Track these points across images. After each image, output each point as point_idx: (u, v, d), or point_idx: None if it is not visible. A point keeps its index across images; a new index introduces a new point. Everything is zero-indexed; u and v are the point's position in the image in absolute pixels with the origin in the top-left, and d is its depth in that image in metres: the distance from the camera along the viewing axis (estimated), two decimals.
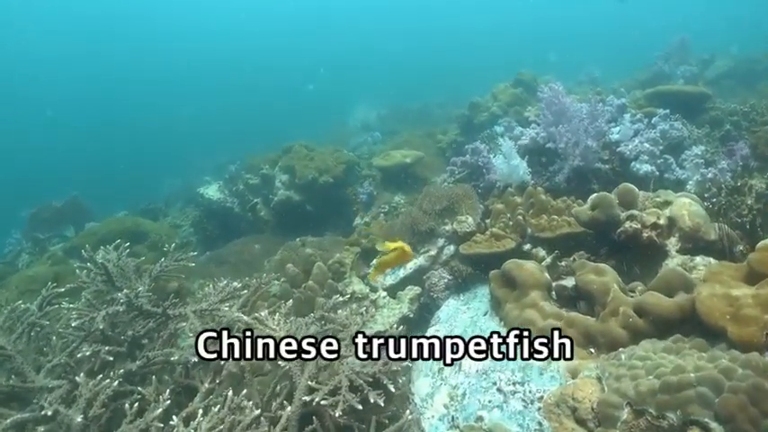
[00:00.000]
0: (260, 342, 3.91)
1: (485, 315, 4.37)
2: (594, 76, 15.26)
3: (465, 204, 6.53)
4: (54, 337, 4.15)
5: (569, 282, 4.62)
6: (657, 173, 6.47)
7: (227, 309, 3.99)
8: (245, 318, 4.04)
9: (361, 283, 5.67)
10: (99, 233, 9.38)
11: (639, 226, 4.03)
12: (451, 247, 6.21)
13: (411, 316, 5.21)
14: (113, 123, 39.84)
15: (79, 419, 3.01)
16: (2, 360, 4.05)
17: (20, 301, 4.46)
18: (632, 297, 3.55)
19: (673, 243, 4.12)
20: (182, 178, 17.43)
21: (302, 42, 52.40)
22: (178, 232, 10.43)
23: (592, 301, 3.64)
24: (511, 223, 5.61)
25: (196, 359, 3.61)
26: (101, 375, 3.43)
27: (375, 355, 3.64)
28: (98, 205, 13.02)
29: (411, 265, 6.06)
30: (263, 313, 4.05)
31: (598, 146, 6.46)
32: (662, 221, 4.10)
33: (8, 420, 3.40)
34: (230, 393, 3.21)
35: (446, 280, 5.88)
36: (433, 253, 6.13)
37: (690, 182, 6.45)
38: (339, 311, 4.18)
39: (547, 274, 4.21)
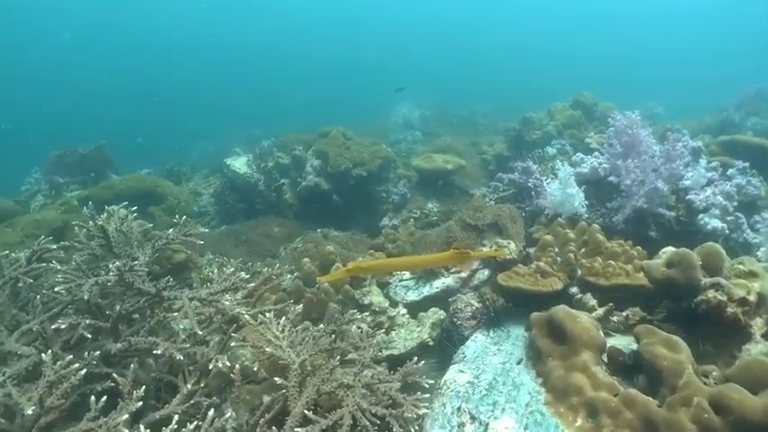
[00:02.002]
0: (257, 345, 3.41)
1: (519, 364, 3.78)
2: (656, 111, 14.46)
3: (509, 227, 5.94)
4: (38, 297, 3.69)
5: (619, 341, 4.02)
6: (727, 231, 5.79)
7: (227, 301, 3.46)
8: (246, 316, 3.52)
9: (380, 295, 5.12)
10: (116, 188, 8.99)
11: (725, 298, 3.40)
12: (486, 272, 5.63)
13: (431, 343, 4.63)
14: (158, 85, 39.92)
15: (29, 412, 2.51)
16: None
17: (6, 251, 4.02)
18: (708, 385, 2.94)
19: (759, 325, 3.49)
20: (214, 145, 17.09)
21: (360, 33, 51.94)
22: (197, 200, 9.99)
23: (657, 379, 3.03)
24: (559, 260, 5.00)
25: (181, 357, 3.09)
26: (70, 356, 2.93)
27: (386, 390, 3.10)
28: (124, 159, 12.68)
29: (437, 284, 5.50)
30: (268, 315, 3.52)
31: (668, 190, 5.80)
32: (752, 297, 3.47)
33: None
34: (211, 414, 2.68)
35: (474, 308, 5.29)
36: (464, 275, 5.54)
37: (761, 249, 5.76)
38: (353, 327, 3.64)
39: (601, 333, 3.60)
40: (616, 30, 48.39)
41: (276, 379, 3.06)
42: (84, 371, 2.86)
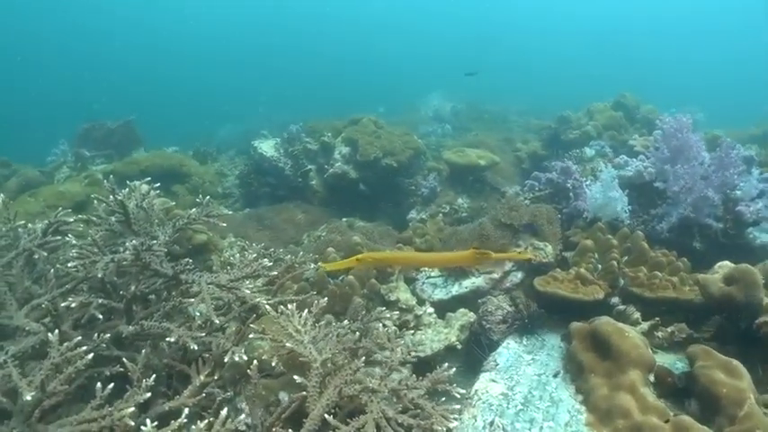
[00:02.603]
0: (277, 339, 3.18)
1: (556, 377, 3.50)
2: (696, 117, 13.86)
3: (545, 229, 5.63)
4: (51, 271, 3.50)
5: (663, 358, 3.72)
6: None
7: (248, 289, 3.23)
8: (267, 306, 3.30)
9: (408, 291, 4.86)
10: (142, 164, 8.85)
11: None
12: (519, 275, 5.35)
13: (459, 347, 4.37)
14: (189, 66, 39.98)
15: (28, 398, 2.31)
16: None
17: (23, 222, 3.84)
18: None
19: None
20: (242, 128, 16.97)
21: (397, 25, 51.41)
22: (222, 181, 9.83)
23: (713, 406, 2.74)
24: (600, 266, 4.70)
25: (195, 347, 2.87)
26: (78, 338, 2.73)
27: (414, 398, 2.84)
28: (151, 135, 12.58)
29: (467, 284, 5.23)
30: (290, 307, 3.29)
31: (719, 199, 5.44)
32: None
33: None
34: (224, 413, 2.46)
35: (504, 311, 5.03)
36: (496, 276, 5.27)
37: None
38: (379, 325, 3.39)
39: (650, 351, 3.30)
40: (653, 34, 47.22)
41: (296, 377, 2.82)
42: (91, 355, 2.65)
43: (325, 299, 3.40)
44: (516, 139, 11.81)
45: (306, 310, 3.36)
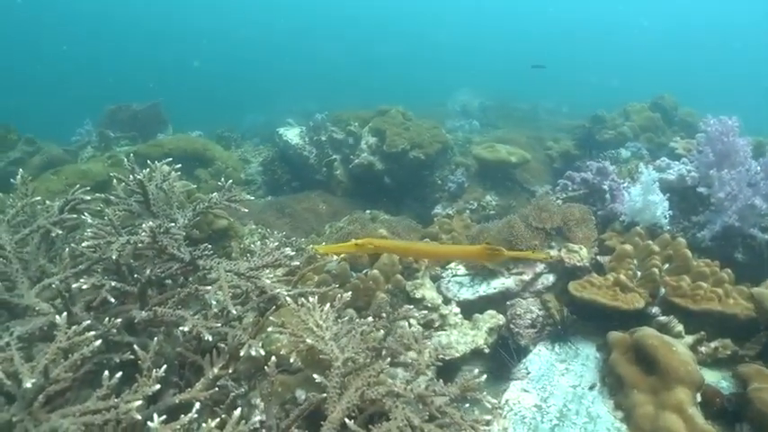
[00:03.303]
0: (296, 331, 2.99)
1: (592, 389, 3.26)
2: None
3: (578, 230, 5.37)
4: (66, 250, 3.35)
5: (710, 376, 3.45)
6: None
7: (268, 279, 3.04)
8: (287, 297, 3.11)
9: (434, 289, 4.64)
10: (166, 146, 8.73)
11: None
12: (551, 277, 5.10)
13: (486, 351, 4.14)
14: (218, 53, 39.95)
15: (29, 385, 2.14)
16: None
17: (39, 197, 3.70)
18: None
19: None
20: (267, 116, 16.85)
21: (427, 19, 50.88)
22: (245, 167, 9.68)
23: None
24: (639, 273, 4.43)
25: (210, 338, 2.69)
26: (87, 322, 2.57)
27: (442, 405, 2.63)
28: (176, 120, 12.48)
29: (496, 284, 4.99)
30: (311, 300, 3.10)
31: (767, 209, 5.12)
32: None
33: None
34: (237, 413, 2.27)
35: (534, 315, 4.80)
36: (526, 277, 5.03)
37: None
38: (405, 324, 3.19)
39: (698, 368, 3.05)
40: (686, 36, 46.09)
41: (315, 376, 2.63)
42: (99, 341, 2.49)
43: (349, 293, 3.20)
44: (546, 138, 11.50)
45: (328, 304, 3.17)
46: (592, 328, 4.34)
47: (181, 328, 2.70)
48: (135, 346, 2.77)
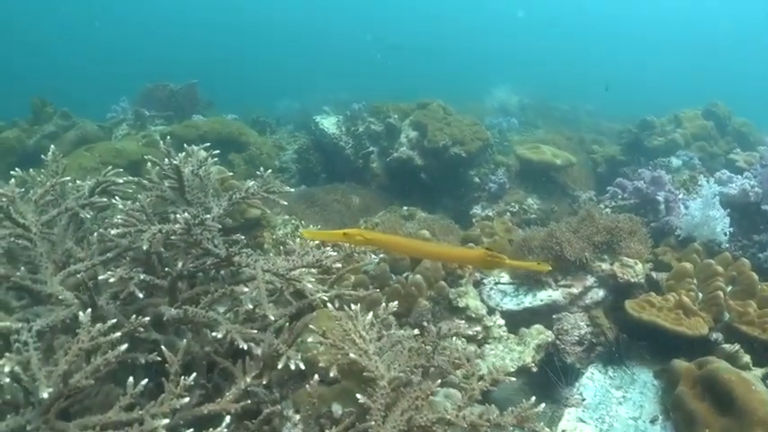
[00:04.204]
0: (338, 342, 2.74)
1: (654, 423, 2.96)
2: None
3: (632, 244, 5.01)
4: (95, 234, 3.14)
5: None
6: None
7: (310, 283, 2.79)
8: (329, 304, 2.86)
9: (477, 298, 4.35)
10: (201, 128, 8.55)
11: None
12: (600, 293, 4.77)
13: (534, 370, 3.85)
14: (251, 38, 39.86)
15: (45, 395, 1.92)
16: (23, 243, 3.12)
17: (68, 177, 3.49)
18: None
19: None
20: (299, 103, 16.64)
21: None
22: (280, 154, 9.47)
23: None
24: (701, 296, 4.08)
25: (245, 346, 2.44)
26: (113, 321, 2.34)
27: None
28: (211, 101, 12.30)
29: (542, 296, 4.68)
30: (354, 308, 2.84)
31: None
32: None
33: None
34: None
35: (582, 331, 4.48)
36: (575, 291, 4.70)
37: None
38: (457, 341, 2.91)
39: None
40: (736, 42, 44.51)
41: (359, 397, 2.37)
42: (125, 346, 2.27)
43: (395, 302, 2.94)
44: (588, 141, 11.08)
45: (370, 314, 2.91)
46: (645, 350, 4.02)
47: (213, 334, 2.45)
48: (162, 348, 2.54)
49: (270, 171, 3.94)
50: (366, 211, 7.60)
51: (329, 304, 2.86)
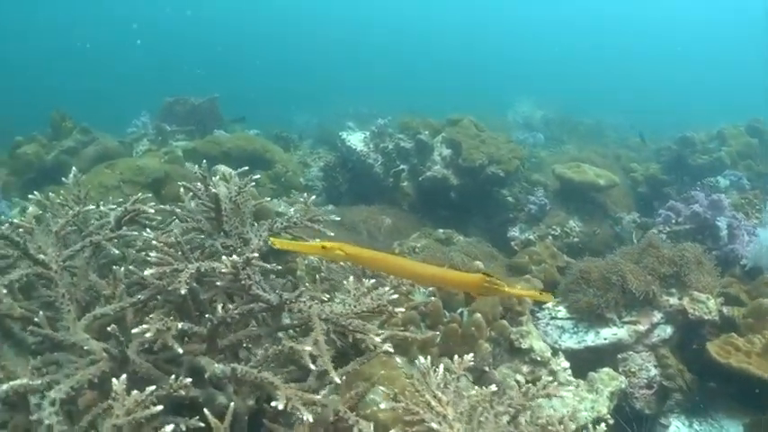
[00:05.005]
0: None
1: None
2: None
3: (700, 276, 4.58)
4: (122, 269, 2.77)
5: None
6: None
7: (378, 337, 2.39)
8: (398, 358, 2.47)
9: (541, 339, 3.93)
10: (224, 145, 8.23)
11: None
12: (668, 330, 4.35)
13: (610, 422, 3.42)
14: (264, 51, 39.66)
15: None
16: (44, 280, 2.77)
17: (93, 206, 3.14)
18: None
19: None
20: (317, 117, 16.35)
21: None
22: (305, 171, 9.12)
23: None
24: None
25: (309, 417, 2.04)
26: (152, 388, 1.96)
27: None
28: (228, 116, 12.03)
29: (606, 334, 4.26)
30: (423, 361, 2.44)
31: None
32: None
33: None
34: None
35: (650, 373, 4.06)
36: (641, 328, 4.28)
37: None
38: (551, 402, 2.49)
39: None
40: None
41: None
42: (160, 407, 1.89)
43: (470, 355, 2.54)
44: (623, 157, 10.66)
45: (441, 366, 2.51)
46: (732, 398, 3.58)
47: (273, 404, 2.06)
48: (207, 413, 2.16)
49: (313, 197, 3.61)
50: (397, 233, 7.20)
51: (397, 358, 2.47)
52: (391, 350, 2.51)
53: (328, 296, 3.01)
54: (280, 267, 3.07)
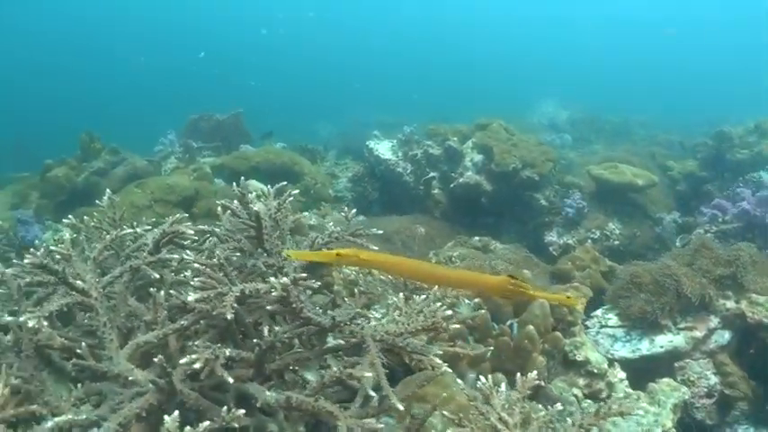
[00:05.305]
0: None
1: None
2: None
3: (757, 278, 4.35)
4: (161, 292, 2.67)
5: None
6: None
7: (437, 357, 2.26)
8: (459, 380, 2.33)
9: (595, 349, 3.74)
10: (252, 159, 8.18)
11: None
12: (726, 335, 4.13)
13: None
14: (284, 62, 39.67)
15: None
16: (83, 309, 2.71)
17: (130, 229, 3.05)
18: None
19: None
20: (337, 127, 16.32)
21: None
22: (334, 183, 9.04)
23: None
24: None
25: None
26: (206, 424, 1.85)
27: None
28: (252, 131, 12.03)
29: (662, 341, 4.06)
30: (484, 381, 2.30)
31: None
32: None
33: None
34: None
35: (710, 382, 3.85)
36: (698, 334, 4.07)
37: None
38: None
39: None
40: None
41: None
42: None
43: (533, 373, 2.39)
44: (658, 155, 10.37)
45: (503, 385, 2.37)
46: None
47: None
48: None
49: (354, 211, 3.49)
50: (431, 242, 7.06)
51: (459, 380, 2.33)
52: (449, 370, 2.38)
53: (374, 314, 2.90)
54: (319, 284, 2.97)
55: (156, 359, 2.22)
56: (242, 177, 3.77)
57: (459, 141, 8.13)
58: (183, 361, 2.14)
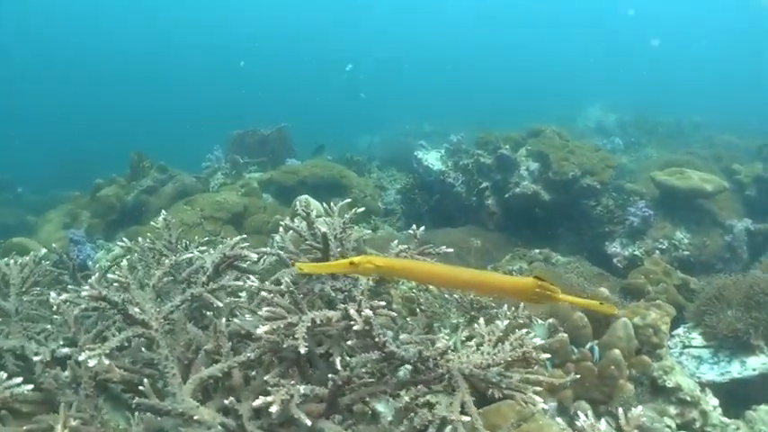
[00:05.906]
0: None
1: None
2: None
3: None
4: (223, 320, 2.51)
5: None
6: None
7: (534, 393, 2.02)
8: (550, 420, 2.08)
9: (684, 374, 3.42)
10: (300, 173, 8.08)
11: None
12: None
13: None
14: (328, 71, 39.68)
15: None
16: (144, 341, 2.58)
17: (189, 254, 2.91)
18: None
19: None
20: (378, 137, 16.16)
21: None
22: (382, 195, 8.86)
23: None
24: None
25: None
26: None
27: None
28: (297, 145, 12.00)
29: (754, 363, 3.70)
30: (585, 420, 2.04)
31: None
32: None
33: None
34: None
35: None
36: None
37: None
38: None
39: None
40: None
41: None
42: None
43: (639, 408, 2.12)
44: (724, 158, 9.83)
45: (603, 424, 2.11)
46: None
47: None
48: None
49: (423, 228, 3.28)
50: (488, 255, 6.79)
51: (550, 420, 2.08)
52: (546, 407, 2.13)
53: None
54: (383, 304, 2.75)
55: (227, 401, 2.05)
56: (298, 196, 3.61)
57: (512, 149, 7.84)
58: (256, 403, 1.95)
